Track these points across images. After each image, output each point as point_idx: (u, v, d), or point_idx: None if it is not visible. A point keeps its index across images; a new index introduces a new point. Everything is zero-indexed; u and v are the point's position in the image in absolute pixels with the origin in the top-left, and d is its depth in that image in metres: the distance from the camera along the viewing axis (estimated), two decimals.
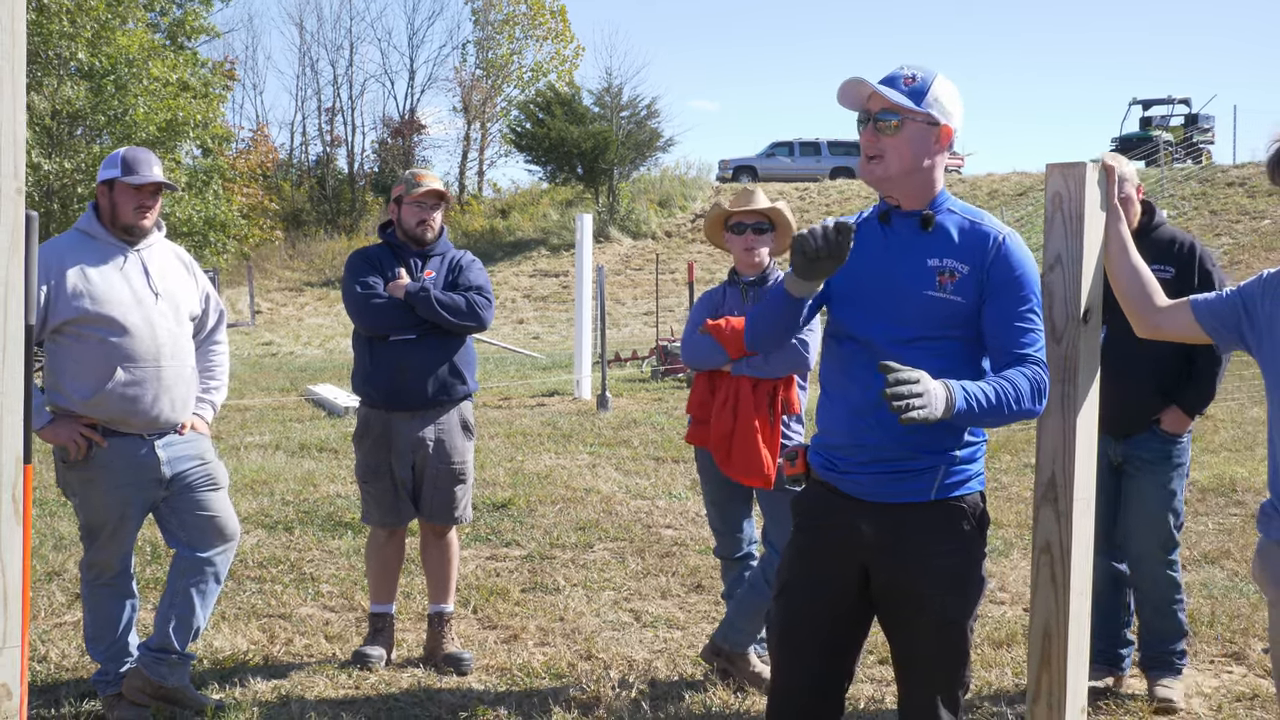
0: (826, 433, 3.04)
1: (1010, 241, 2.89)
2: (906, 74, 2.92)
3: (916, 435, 2.84)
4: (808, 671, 3.05)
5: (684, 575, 6.45)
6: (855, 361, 2.94)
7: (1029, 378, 2.78)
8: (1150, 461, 4.60)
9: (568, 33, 47.89)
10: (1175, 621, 4.64)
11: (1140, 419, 4.55)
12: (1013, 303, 2.84)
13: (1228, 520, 7.75)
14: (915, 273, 2.89)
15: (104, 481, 4.26)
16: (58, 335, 4.20)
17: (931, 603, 2.90)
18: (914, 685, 3.00)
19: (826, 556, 3.01)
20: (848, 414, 2.95)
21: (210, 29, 32.73)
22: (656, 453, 10.49)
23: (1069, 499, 2.97)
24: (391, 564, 5.19)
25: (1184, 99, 38.39)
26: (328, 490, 8.71)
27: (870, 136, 2.91)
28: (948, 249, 2.90)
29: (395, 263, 5.03)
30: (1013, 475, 9.35)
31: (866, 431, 2.90)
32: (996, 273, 2.86)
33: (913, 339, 2.87)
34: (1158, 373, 4.50)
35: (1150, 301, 3.05)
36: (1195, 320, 2.96)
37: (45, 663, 4.95)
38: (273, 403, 14.49)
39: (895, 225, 2.98)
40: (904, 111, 2.87)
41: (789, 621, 3.06)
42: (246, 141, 44.32)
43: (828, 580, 3.01)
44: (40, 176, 24.29)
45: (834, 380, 3.03)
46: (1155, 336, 3.09)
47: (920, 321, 2.87)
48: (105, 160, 4.34)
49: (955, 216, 2.94)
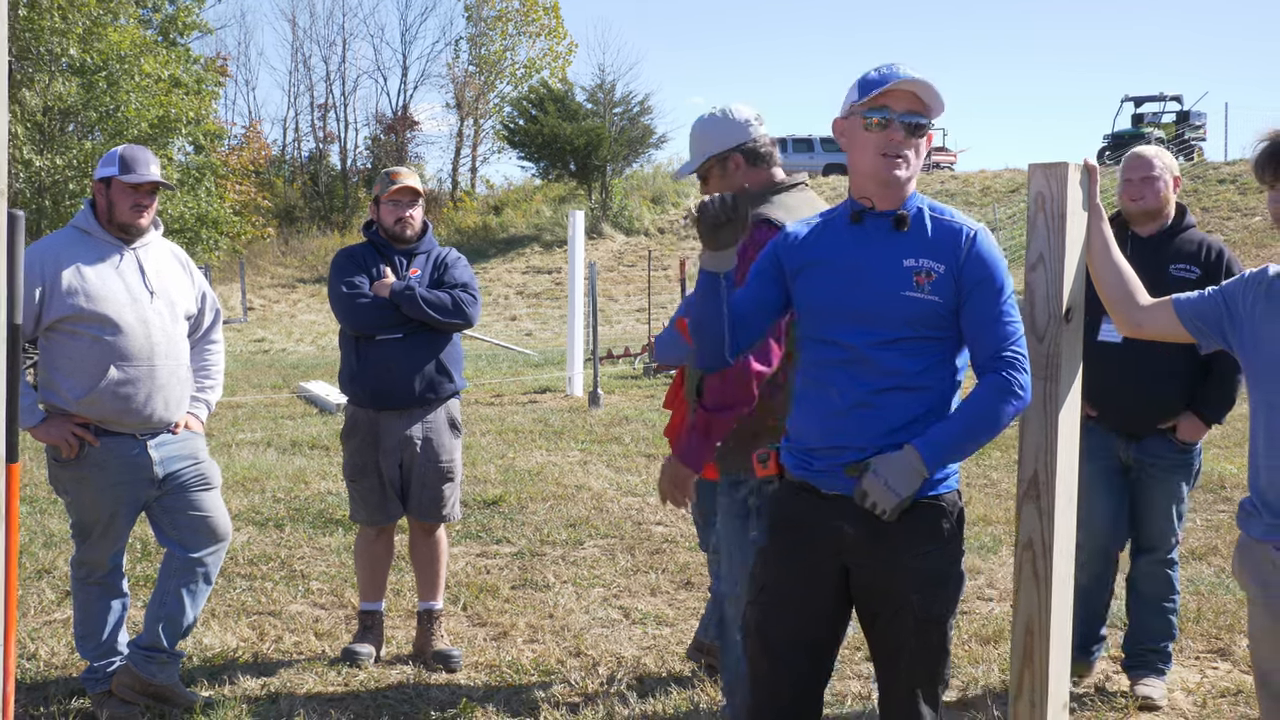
0: (803, 436, 3.02)
1: (981, 237, 2.91)
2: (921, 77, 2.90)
3: (897, 436, 2.85)
4: (791, 673, 3.04)
5: (674, 572, 6.46)
6: (833, 365, 2.93)
7: (1000, 388, 2.82)
8: (1164, 469, 4.55)
9: (560, 29, 47.81)
10: (1165, 621, 4.66)
11: (1152, 422, 4.48)
12: (989, 300, 2.86)
13: (1215, 517, 7.78)
14: (892, 274, 2.88)
15: (96, 480, 4.27)
16: (51, 333, 4.20)
17: (912, 602, 2.91)
18: (894, 683, 3.01)
19: (807, 557, 3.00)
20: (826, 417, 2.93)
21: (202, 25, 32.69)
22: (648, 449, 10.50)
23: (1051, 496, 2.99)
24: (380, 562, 5.20)
25: (1176, 96, 38.48)
26: (319, 487, 8.72)
27: (900, 137, 2.88)
28: (922, 249, 2.90)
29: (380, 261, 5.04)
30: (1002, 472, 9.38)
31: (846, 434, 2.90)
32: (970, 270, 2.87)
33: (892, 340, 2.87)
34: (1175, 375, 4.41)
35: (1133, 300, 3.07)
36: (1178, 319, 2.97)
37: (34, 660, 4.95)
38: (264, 399, 14.48)
39: (868, 226, 2.96)
40: (934, 114, 2.90)
41: (771, 624, 3.05)
42: (239, 138, 44.20)
43: (808, 581, 3.00)
44: (32, 173, 24.28)
45: (810, 384, 3.01)
46: (1137, 335, 3.10)
47: (899, 323, 2.87)
48: (103, 158, 4.35)
49: (925, 215, 2.95)
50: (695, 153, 3.83)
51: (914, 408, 2.86)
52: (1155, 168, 4.43)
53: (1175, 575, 4.68)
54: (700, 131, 3.81)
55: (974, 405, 2.83)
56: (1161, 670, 4.66)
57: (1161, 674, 4.66)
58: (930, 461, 2.79)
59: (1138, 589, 4.70)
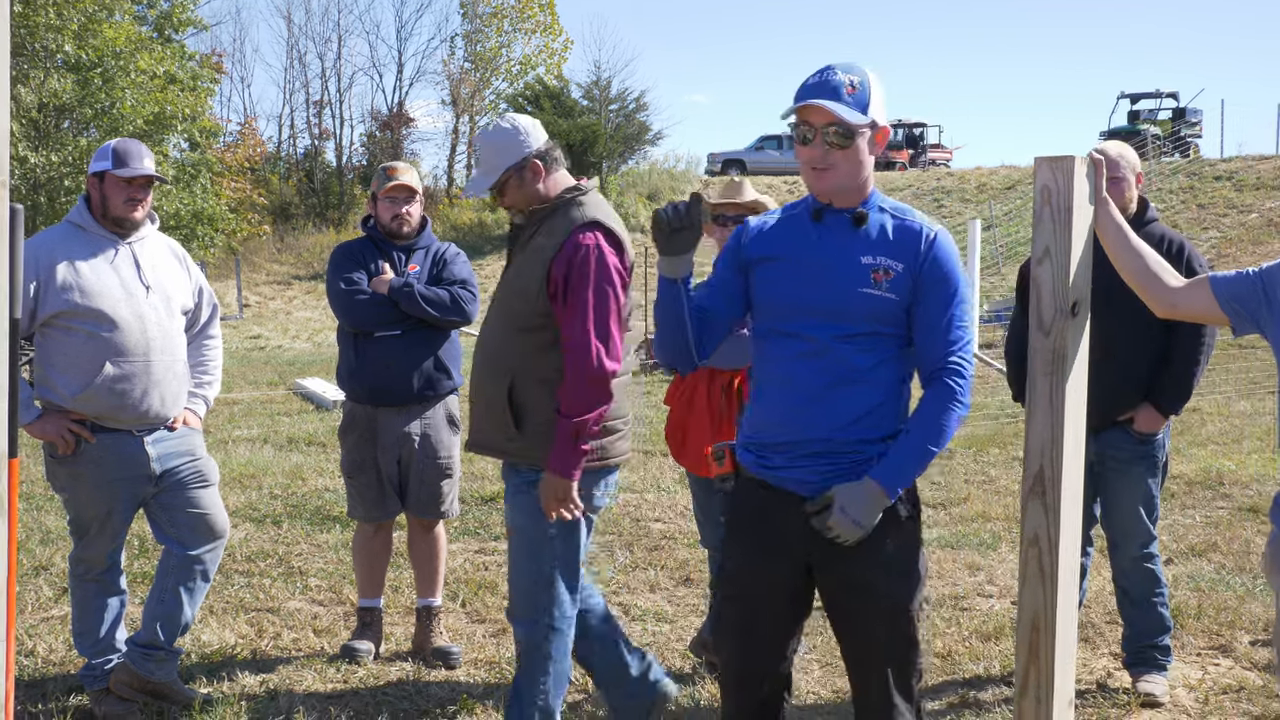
0: (763, 430, 3.06)
1: (940, 239, 2.98)
2: (845, 80, 2.91)
3: (859, 425, 2.95)
4: (764, 671, 3.12)
5: (673, 569, 6.45)
6: (795, 358, 2.98)
7: (945, 398, 2.94)
8: (1126, 461, 4.55)
9: (556, 25, 47.72)
10: (1157, 615, 4.64)
11: (1111, 414, 4.46)
12: (942, 304, 2.95)
13: (1214, 513, 7.77)
14: (850, 270, 2.95)
15: (92, 477, 4.24)
16: (47, 329, 4.18)
17: (879, 589, 2.97)
18: (867, 677, 3.04)
19: (771, 555, 3.06)
20: (788, 410, 2.99)
21: (197, 21, 32.54)
22: (645, 446, 10.49)
23: (1057, 492, 2.97)
24: (379, 558, 5.18)
25: (1172, 92, 38.49)
26: (316, 484, 8.70)
27: (819, 150, 2.91)
28: (881, 247, 2.96)
29: (379, 257, 5.02)
30: (1000, 469, 9.37)
31: (809, 426, 2.96)
32: (928, 271, 2.95)
33: (850, 335, 2.94)
34: (1132, 366, 4.44)
35: (1162, 281, 2.97)
36: (1214, 300, 2.90)
37: (32, 657, 4.93)
38: (261, 396, 14.45)
39: (828, 223, 3.02)
40: (854, 126, 2.90)
41: (744, 627, 3.12)
42: (234, 135, 44.09)
43: (774, 580, 3.07)
44: (27, 169, 24.21)
45: (771, 378, 3.06)
46: (1172, 315, 3.03)
47: (856, 318, 2.94)
48: (96, 152, 4.32)
49: (885, 215, 3.01)
50: (491, 166, 3.75)
51: (872, 398, 2.96)
52: (1120, 169, 4.41)
53: (1158, 569, 4.66)
54: (492, 144, 3.74)
55: (924, 421, 2.94)
56: (1163, 666, 4.65)
57: (1163, 670, 4.65)
58: (891, 490, 2.90)
59: (1123, 587, 4.69)
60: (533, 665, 3.76)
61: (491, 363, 3.76)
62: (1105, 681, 4.79)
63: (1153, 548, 4.63)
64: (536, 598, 3.72)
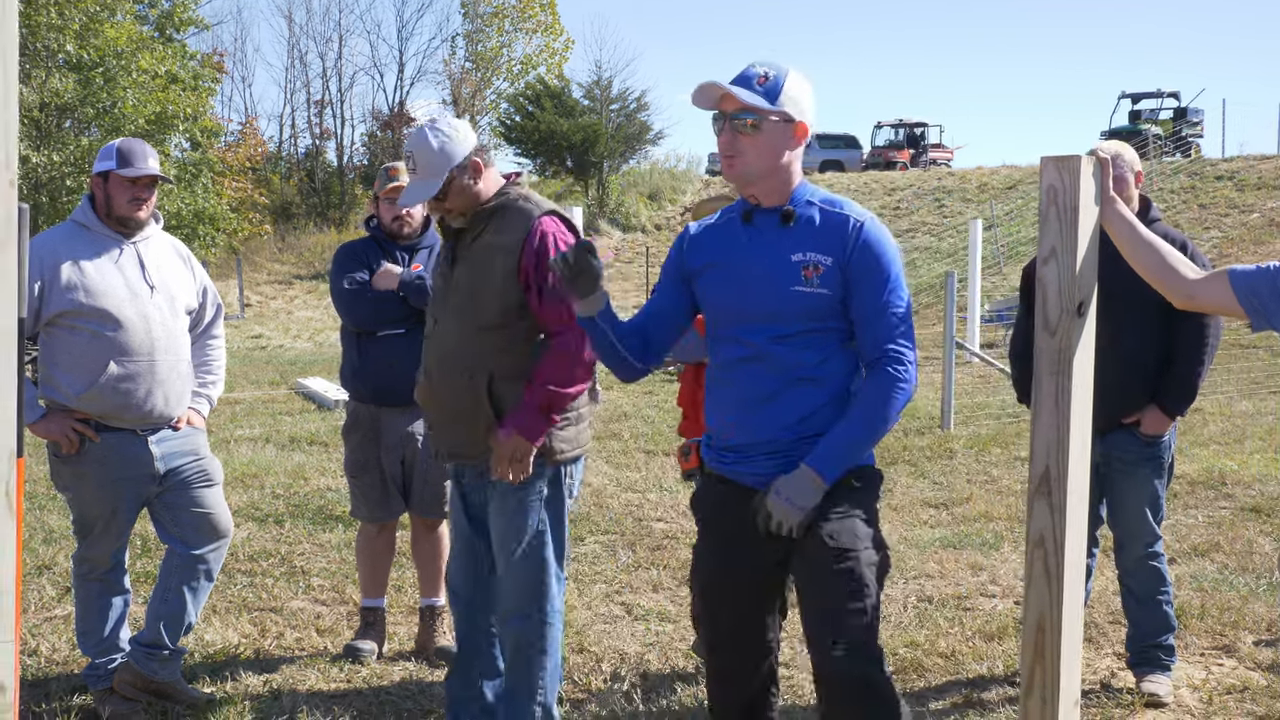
0: (718, 431, 3.12)
1: (869, 226, 2.99)
2: (759, 72, 2.96)
3: (805, 424, 2.97)
4: (742, 667, 3.17)
5: (675, 568, 6.45)
6: (737, 363, 3.03)
7: (885, 384, 2.95)
8: (1131, 463, 4.54)
9: (557, 25, 47.67)
10: (1162, 614, 4.64)
11: (1116, 416, 4.45)
12: (876, 291, 2.96)
13: (1217, 513, 7.77)
14: (781, 269, 2.97)
15: (96, 476, 4.24)
16: (51, 328, 4.18)
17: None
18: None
19: (735, 548, 3.10)
20: (738, 411, 3.04)
21: (199, 21, 32.56)
22: (647, 445, 10.49)
23: (1063, 492, 2.97)
24: (382, 558, 5.18)
25: (1173, 92, 38.48)
26: (318, 484, 8.70)
27: (728, 137, 2.95)
28: (810, 242, 2.97)
29: (382, 257, 5.01)
30: (1003, 469, 9.37)
31: (756, 429, 3.01)
32: (858, 260, 2.96)
33: (789, 335, 2.96)
34: (1136, 367, 4.42)
35: (1179, 274, 2.92)
36: (1233, 293, 2.86)
37: (36, 656, 4.93)
38: (262, 396, 14.45)
39: (757, 223, 3.04)
40: (759, 111, 2.92)
41: (717, 620, 3.16)
42: (235, 134, 44.06)
43: (740, 573, 3.11)
44: (29, 169, 24.22)
45: (720, 381, 3.11)
46: (1189, 307, 3.01)
47: (792, 317, 2.96)
48: (101, 152, 4.31)
49: (814, 208, 3.02)
50: (432, 170, 3.70)
51: (818, 397, 2.99)
52: (1120, 167, 4.39)
53: (1163, 568, 4.65)
54: (430, 147, 3.69)
55: (862, 407, 2.96)
56: (1166, 666, 4.64)
57: (1167, 670, 4.64)
58: (825, 473, 2.92)
59: (1128, 586, 4.69)
60: (528, 662, 3.77)
61: (454, 366, 3.74)
62: (1109, 682, 4.79)
63: (1158, 547, 4.63)
64: (529, 593, 3.76)
